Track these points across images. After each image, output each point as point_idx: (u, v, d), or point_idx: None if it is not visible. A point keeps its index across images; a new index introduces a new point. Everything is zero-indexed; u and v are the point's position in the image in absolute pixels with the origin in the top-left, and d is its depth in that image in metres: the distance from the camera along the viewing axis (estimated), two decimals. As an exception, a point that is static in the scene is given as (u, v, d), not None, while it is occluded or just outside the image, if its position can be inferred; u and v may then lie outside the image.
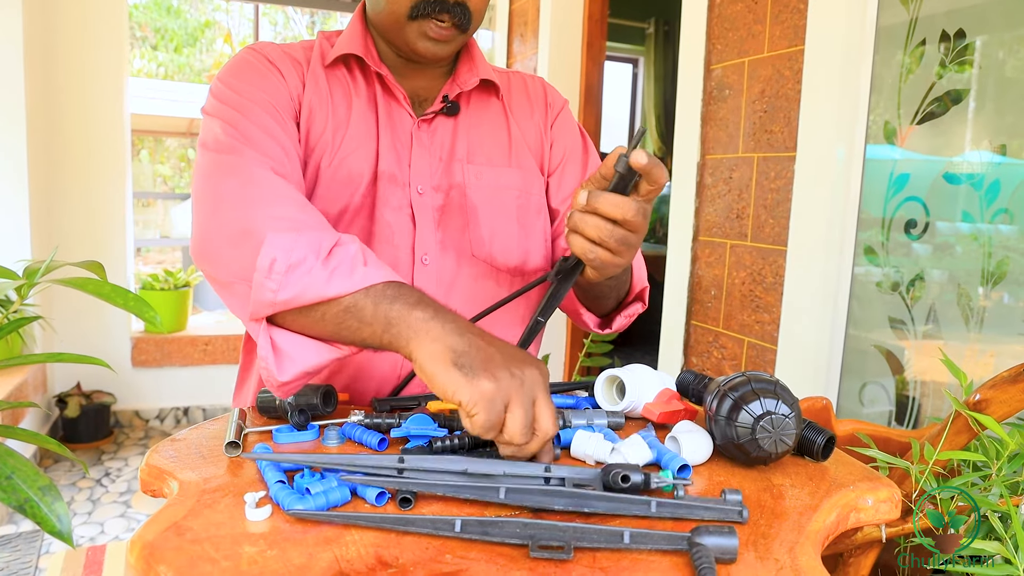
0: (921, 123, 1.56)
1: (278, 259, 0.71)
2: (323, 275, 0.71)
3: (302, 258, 0.71)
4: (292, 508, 0.58)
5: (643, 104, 5.57)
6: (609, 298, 0.98)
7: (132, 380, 3.68)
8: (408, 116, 0.97)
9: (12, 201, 2.91)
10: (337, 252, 0.73)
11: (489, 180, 0.99)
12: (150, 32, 8.97)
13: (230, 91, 0.88)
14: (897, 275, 1.63)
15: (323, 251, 0.72)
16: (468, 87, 0.99)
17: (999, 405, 0.82)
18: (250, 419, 0.82)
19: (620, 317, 1.01)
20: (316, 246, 0.72)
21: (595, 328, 1.03)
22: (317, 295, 0.70)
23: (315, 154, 0.92)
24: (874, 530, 0.82)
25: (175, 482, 0.65)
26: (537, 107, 1.06)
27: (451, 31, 0.90)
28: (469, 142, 1.00)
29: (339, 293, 0.70)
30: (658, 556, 0.55)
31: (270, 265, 0.71)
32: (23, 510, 0.56)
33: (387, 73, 0.96)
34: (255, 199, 0.78)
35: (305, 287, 0.71)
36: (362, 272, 0.72)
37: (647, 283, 1.02)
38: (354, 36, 0.97)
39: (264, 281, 0.71)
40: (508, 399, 0.63)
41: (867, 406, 1.72)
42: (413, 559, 0.53)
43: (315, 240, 0.73)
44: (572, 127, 1.09)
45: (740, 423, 0.68)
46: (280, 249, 0.72)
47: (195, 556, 0.52)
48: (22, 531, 2.53)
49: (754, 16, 1.92)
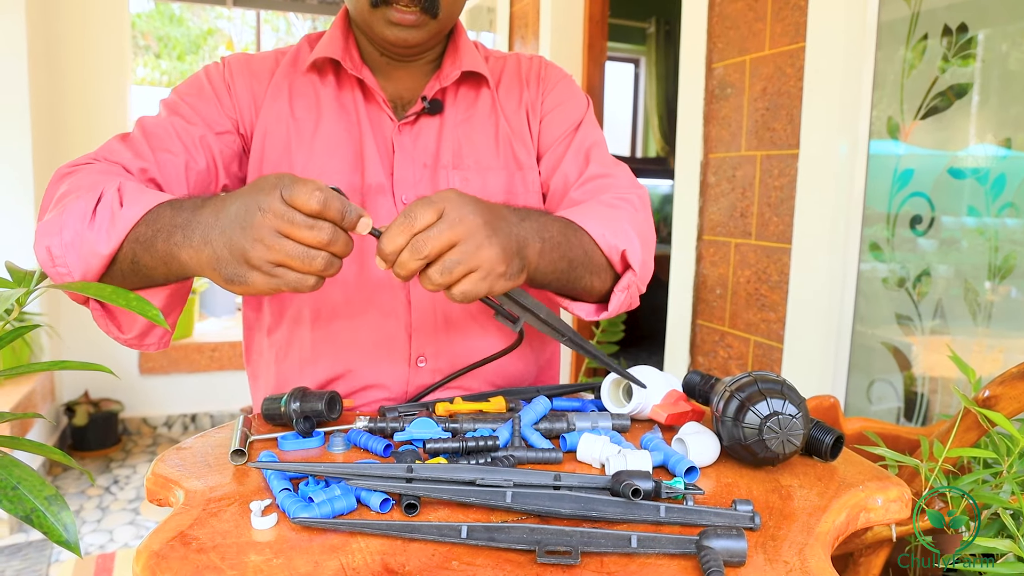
0: (925, 118, 1.55)
1: (52, 245, 0.74)
2: (92, 237, 0.73)
3: (73, 231, 0.74)
4: (298, 516, 0.58)
5: (645, 104, 5.56)
6: (574, 281, 0.86)
7: (139, 387, 3.69)
8: (389, 121, 0.95)
9: (17, 210, 2.93)
10: (99, 209, 0.74)
11: (476, 186, 0.96)
12: (153, 40, 9.00)
13: (175, 89, 0.95)
14: (903, 271, 1.62)
15: (87, 215, 0.74)
16: (449, 82, 0.96)
17: (1009, 401, 0.82)
18: (255, 427, 0.82)
19: (616, 293, 0.90)
20: (82, 214, 0.74)
21: (593, 316, 0.92)
22: (99, 258, 0.73)
23: (276, 164, 0.93)
24: (884, 529, 0.81)
25: (181, 491, 0.65)
26: (530, 86, 1.02)
27: (416, 14, 0.88)
28: (455, 144, 0.97)
29: (112, 249, 0.72)
30: (666, 560, 0.54)
31: (49, 255, 0.74)
32: (30, 520, 0.56)
33: (368, 76, 0.95)
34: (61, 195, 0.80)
35: (86, 257, 0.73)
36: (121, 215, 0.73)
37: (625, 245, 0.88)
38: (334, 38, 0.96)
39: (55, 271, 0.74)
40: (256, 256, 0.63)
41: (875, 403, 1.71)
42: (419, 566, 0.53)
43: (79, 209, 0.74)
44: (567, 100, 1.02)
45: (747, 424, 0.68)
46: (51, 235, 0.74)
47: (201, 565, 0.52)
48: (32, 540, 2.54)
49: (755, 14, 1.91)
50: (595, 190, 0.96)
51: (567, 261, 0.82)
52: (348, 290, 0.94)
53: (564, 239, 0.82)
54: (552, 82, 1.03)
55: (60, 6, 3.32)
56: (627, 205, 0.93)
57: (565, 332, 0.78)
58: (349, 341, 0.94)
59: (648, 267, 0.92)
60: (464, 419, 0.79)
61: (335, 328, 0.95)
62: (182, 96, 0.94)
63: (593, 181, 0.97)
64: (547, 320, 0.77)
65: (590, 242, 0.86)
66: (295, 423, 0.77)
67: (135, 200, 0.74)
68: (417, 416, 0.81)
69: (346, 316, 0.94)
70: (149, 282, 0.76)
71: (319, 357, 0.95)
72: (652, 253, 0.94)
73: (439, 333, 0.95)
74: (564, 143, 1.00)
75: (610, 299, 0.90)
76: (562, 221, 0.84)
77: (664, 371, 0.95)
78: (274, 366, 0.99)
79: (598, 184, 0.97)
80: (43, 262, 0.75)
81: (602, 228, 0.87)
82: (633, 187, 0.97)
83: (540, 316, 0.76)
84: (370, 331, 0.94)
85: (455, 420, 0.79)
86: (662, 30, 5.28)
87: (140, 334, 0.83)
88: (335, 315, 0.94)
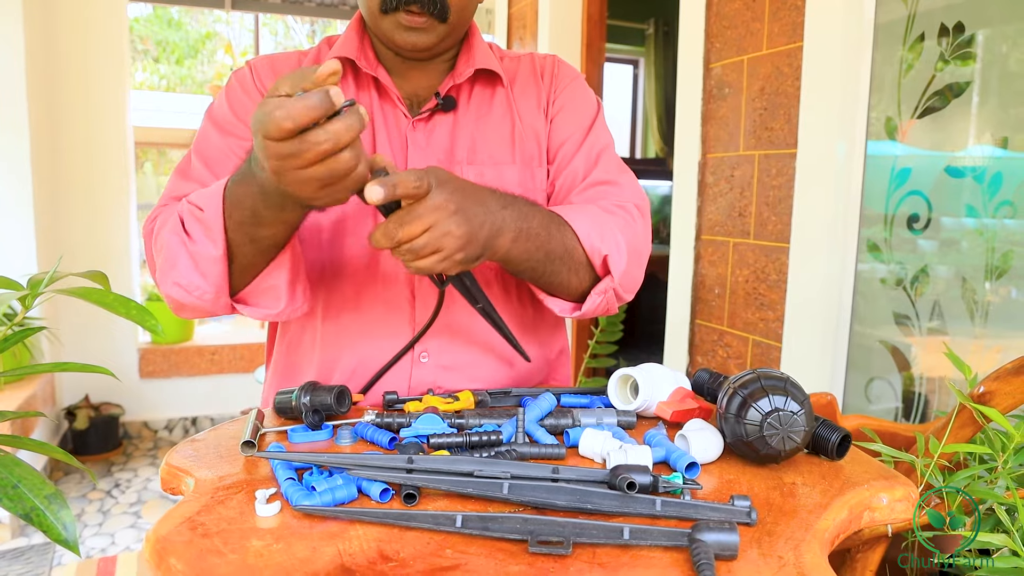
0: (922, 117, 1.56)
1: (177, 280, 0.82)
2: (201, 250, 0.80)
3: (184, 258, 0.81)
4: (299, 504, 0.59)
5: (644, 105, 5.57)
6: (550, 274, 0.87)
7: (140, 391, 3.69)
8: (404, 117, 0.97)
9: (17, 215, 2.93)
10: (188, 227, 0.81)
11: (490, 181, 0.97)
12: (152, 45, 9.02)
13: (212, 109, 0.99)
14: (901, 271, 1.63)
15: (184, 239, 0.81)
16: (463, 79, 0.98)
17: (1004, 397, 0.82)
18: (267, 420, 0.84)
19: (593, 296, 0.91)
20: (180, 241, 0.82)
21: (567, 313, 0.94)
22: (217, 261, 0.80)
23: None
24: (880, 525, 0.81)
25: (192, 479, 0.67)
26: (544, 84, 1.03)
27: (425, 18, 0.89)
28: (470, 140, 0.98)
29: (222, 247, 0.79)
30: (658, 552, 0.55)
31: (180, 289, 0.82)
32: (29, 518, 0.57)
33: (383, 75, 0.96)
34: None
35: (208, 269, 0.80)
36: (208, 216, 0.78)
37: (608, 251, 0.89)
38: (349, 39, 0.98)
39: (194, 299, 0.83)
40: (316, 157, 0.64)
41: (874, 403, 1.71)
42: (414, 553, 0.54)
43: (174, 241, 0.82)
44: (579, 99, 1.03)
45: (748, 420, 0.68)
46: (169, 273, 0.82)
47: (204, 549, 0.54)
48: (34, 543, 2.54)
49: (752, 14, 1.92)
50: (596, 196, 0.97)
51: (544, 252, 0.84)
52: (357, 283, 0.96)
53: (545, 231, 0.84)
54: (565, 81, 1.04)
55: (58, 11, 3.33)
56: (624, 213, 0.94)
57: (480, 300, 0.85)
58: (356, 334, 0.96)
59: (632, 277, 0.93)
60: (470, 415, 0.80)
61: (344, 321, 0.97)
62: (223, 111, 0.97)
63: (596, 187, 0.98)
64: (470, 288, 0.85)
65: (573, 238, 0.87)
66: (304, 416, 0.78)
67: (206, 198, 0.79)
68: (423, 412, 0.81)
69: (354, 309, 0.96)
70: (275, 245, 0.81)
71: (328, 349, 0.98)
72: (641, 264, 0.95)
73: (442, 329, 0.96)
74: (575, 143, 1.01)
75: (585, 299, 0.92)
76: (548, 214, 0.86)
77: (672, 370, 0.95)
78: (285, 358, 1.03)
79: (600, 190, 0.97)
80: (180, 299, 0.83)
81: (589, 228, 0.88)
82: (635, 197, 0.98)
83: (465, 283, 0.84)
84: (376, 325, 0.96)
85: (460, 415, 0.79)
86: (661, 31, 5.28)
87: (279, 311, 0.88)
88: (344, 308, 0.97)
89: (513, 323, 1.00)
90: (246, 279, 0.84)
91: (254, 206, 0.75)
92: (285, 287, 0.85)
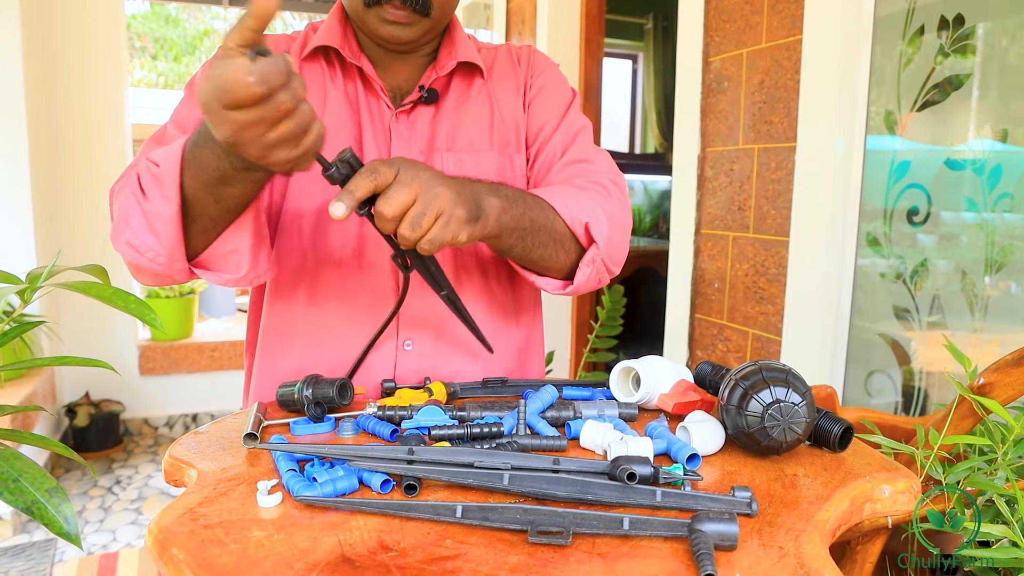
0: (921, 110, 1.56)
1: (128, 238, 0.79)
2: (153, 208, 0.77)
3: (137, 216, 0.78)
4: (300, 495, 0.59)
5: (643, 100, 5.56)
6: (538, 246, 0.88)
7: (140, 388, 3.69)
8: (387, 108, 0.98)
9: (15, 212, 2.93)
10: (144, 184, 0.78)
11: (469, 167, 0.99)
12: (149, 42, 9.00)
13: (194, 80, 0.97)
14: (901, 265, 1.63)
15: (139, 196, 0.78)
16: (445, 71, 0.99)
17: (1003, 388, 0.82)
18: (270, 413, 0.85)
19: (582, 267, 0.91)
20: (135, 200, 0.78)
21: (560, 291, 0.94)
22: (170, 221, 0.76)
23: None
24: (881, 517, 0.82)
25: (194, 471, 0.67)
26: (521, 69, 1.05)
27: (407, 13, 0.90)
28: (450, 129, 1.00)
29: (176, 206, 0.76)
30: (658, 542, 0.55)
31: (131, 248, 0.79)
32: (30, 512, 0.57)
33: (367, 65, 0.97)
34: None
35: (160, 229, 0.77)
36: (164, 172, 0.76)
37: (589, 219, 0.89)
38: (332, 28, 0.98)
39: (145, 259, 0.80)
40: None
41: (873, 396, 1.71)
42: (414, 543, 0.54)
43: (129, 199, 0.79)
44: (554, 85, 1.05)
45: (749, 411, 0.68)
46: (122, 232, 0.79)
47: (206, 540, 0.54)
48: (35, 540, 2.54)
49: (751, 7, 1.92)
50: (572, 174, 0.98)
51: (529, 220, 0.84)
52: (343, 272, 0.96)
53: (523, 200, 0.85)
54: (541, 67, 1.06)
55: (55, 8, 3.32)
56: (599, 187, 0.95)
57: (444, 287, 0.84)
58: (340, 323, 0.97)
59: (617, 246, 0.94)
60: (472, 407, 0.80)
61: (328, 309, 0.97)
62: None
63: (572, 166, 1.00)
64: (434, 274, 0.83)
65: (552, 211, 0.88)
66: (307, 408, 0.79)
67: (163, 156, 0.76)
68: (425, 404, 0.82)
69: (339, 298, 0.97)
70: (243, 204, 0.79)
71: (312, 338, 0.98)
72: (625, 234, 0.96)
73: (425, 318, 0.97)
74: (554, 124, 1.02)
75: (575, 274, 0.92)
76: (523, 191, 0.87)
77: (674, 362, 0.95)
78: (267, 348, 1.02)
79: (576, 168, 0.99)
80: (131, 258, 0.81)
81: (566, 202, 0.89)
82: (610, 173, 0.99)
83: (430, 269, 0.82)
84: (360, 314, 0.96)
85: (462, 408, 0.80)
86: (660, 26, 5.27)
87: (242, 275, 0.86)
88: (329, 296, 0.97)
89: (491, 308, 1.01)
90: (208, 239, 0.82)
91: (220, 166, 0.72)
92: (248, 250, 0.83)
